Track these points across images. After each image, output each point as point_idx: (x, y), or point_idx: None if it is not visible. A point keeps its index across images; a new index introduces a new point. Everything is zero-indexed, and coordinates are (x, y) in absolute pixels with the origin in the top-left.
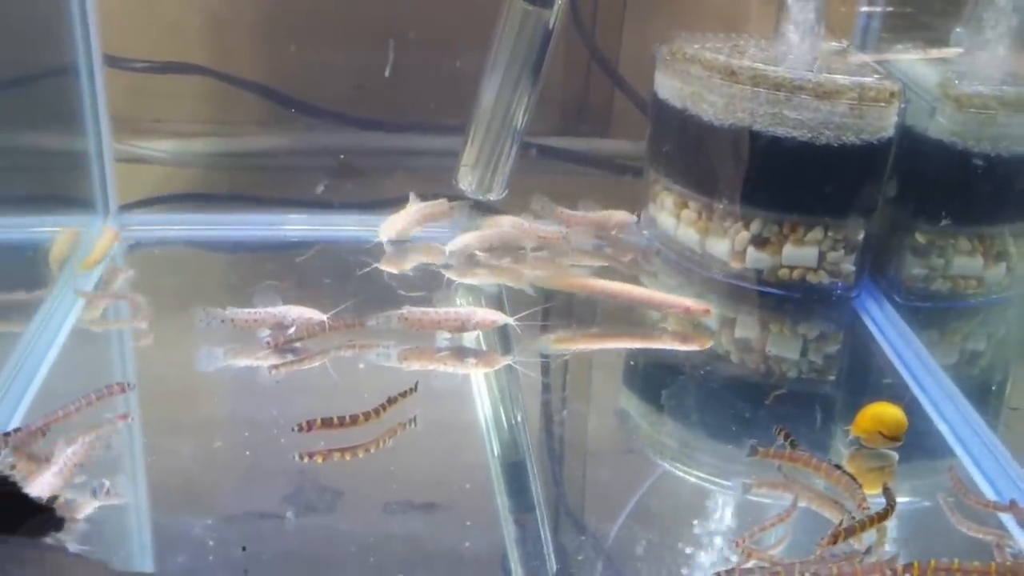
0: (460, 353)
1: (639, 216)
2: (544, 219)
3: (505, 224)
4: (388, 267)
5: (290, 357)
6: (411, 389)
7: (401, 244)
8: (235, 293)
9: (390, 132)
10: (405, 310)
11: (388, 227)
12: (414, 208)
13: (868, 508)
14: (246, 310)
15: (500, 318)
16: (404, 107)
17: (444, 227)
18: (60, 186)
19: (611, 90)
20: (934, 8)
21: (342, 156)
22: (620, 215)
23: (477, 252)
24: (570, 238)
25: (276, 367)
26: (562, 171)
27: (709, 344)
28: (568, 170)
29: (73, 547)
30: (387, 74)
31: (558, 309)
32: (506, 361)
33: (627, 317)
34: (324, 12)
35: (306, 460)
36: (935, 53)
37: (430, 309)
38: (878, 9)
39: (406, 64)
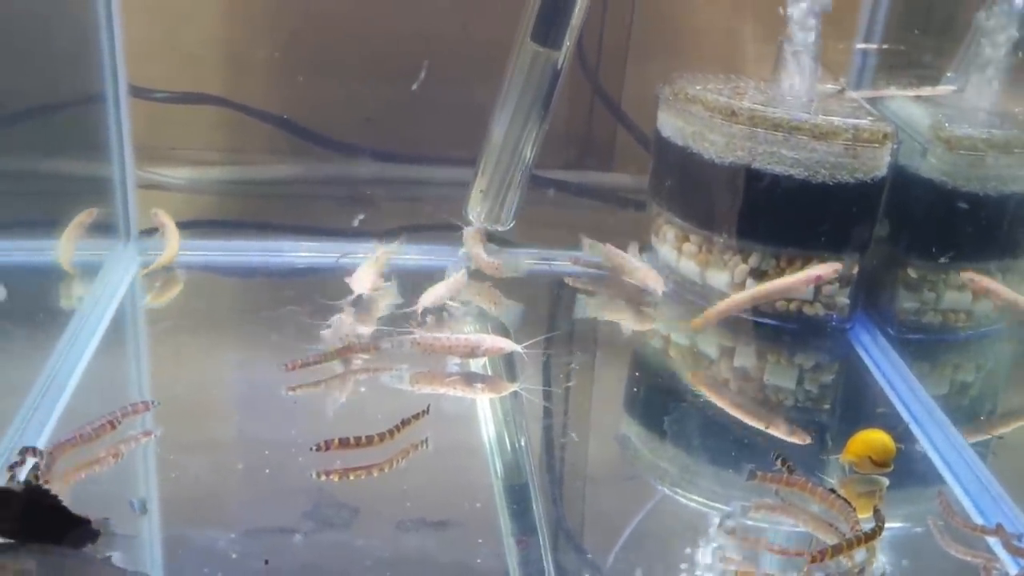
0: (469, 378)
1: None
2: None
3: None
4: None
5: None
6: (423, 412)
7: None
8: (253, 318)
9: (400, 163)
10: (418, 335)
11: (361, 280)
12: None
13: (860, 530)
14: (438, 335)
15: (508, 346)
16: (414, 139)
17: None
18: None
19: (614, 126)
20: (928, 46)
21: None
22: (644, 272)
23: (449, 302)
24: None
25: (294, 388)
26: (567, 203)
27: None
28: (573, 202)
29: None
30: (414, 88)
31: (561, 337)
32: (512, 388)
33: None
34: (337, 47)
35: (323, 478)
36: (928, 91)
37: (441, 335)
38: (874, 47)
39: (417, 96)
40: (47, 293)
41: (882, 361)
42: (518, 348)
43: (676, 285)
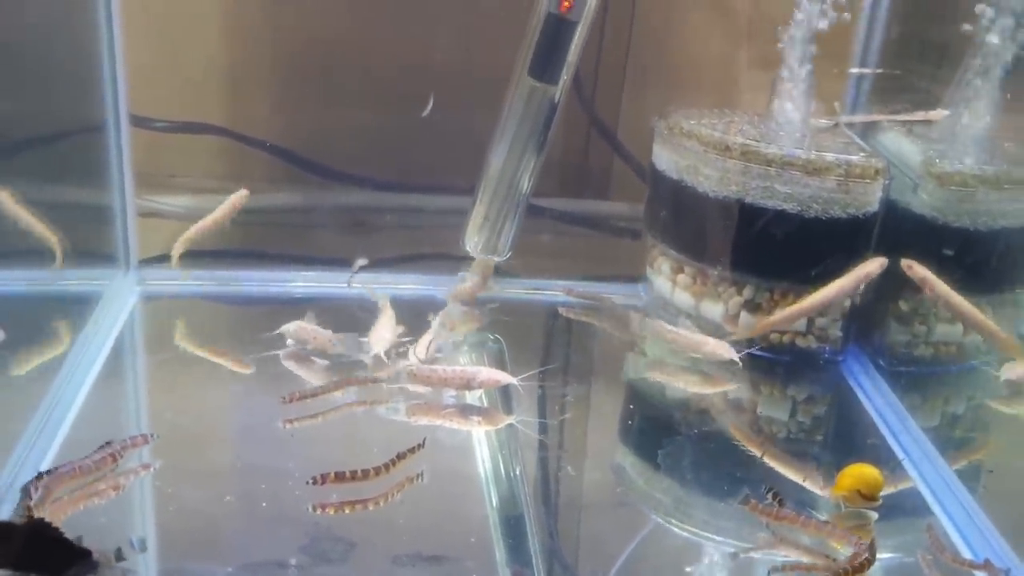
0: (465, 410)
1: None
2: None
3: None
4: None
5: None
6: (419, 445)
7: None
8: (252, 347)
9: (399, 192)
10: (414, 366)
11: (381, 339)
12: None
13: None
14: (435, 367)
15: (504, 378)
16: (414, 167)
17: None
18: (83, 240)
19: (610, 155)
20: (922, 71)
21: None
22: (713, 344)
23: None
24: None
25: (291, 421)
26: (564, 232)
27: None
28: (569, 231)
29: None
30: (424, 114)
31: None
32: (508, 420)
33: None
34: (337, 75)
35: (320, 512)
36: (921, 115)
37: (438, 367)
38: (868, 71)
39: (417, 125)
40: (47, 322)
41: (873, 393)
42: (514, 380)
43: (672, 317)
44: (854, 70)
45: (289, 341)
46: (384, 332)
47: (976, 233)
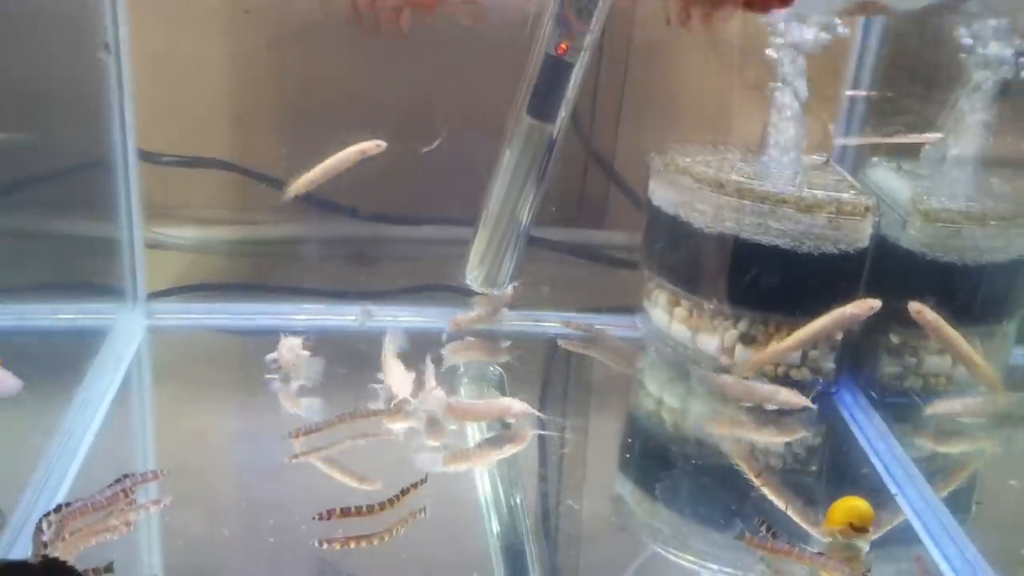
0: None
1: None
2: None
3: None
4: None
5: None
6: (421, 481)
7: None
8: (258, 380)
9: (401, 224)
10: (452, 400)
11: (401, 383)
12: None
13: None
14: (474, 401)
15: (531, 410)
16: (414, 200)
17: None
18: (92, 274)
19: (607, 185)
20: (915, 93)
21: None
22: (785, 393)
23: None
24: None
25: (297, 456)
26: (562, 262)
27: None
28: (567, 261)
29: None
30: (433, 145)
31: (555, 399)
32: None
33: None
34: (340, 110)
35: (326, 547)
36: (916, 137)
37: (476, 401)
38: (862, 94)
39: (418, 159)
40: (57, 356)
41: (865, 424)
42: (539, 413)
43: (669, 349)
44: (848, 92)
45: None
46: (401, 376)
47: (963, 268)
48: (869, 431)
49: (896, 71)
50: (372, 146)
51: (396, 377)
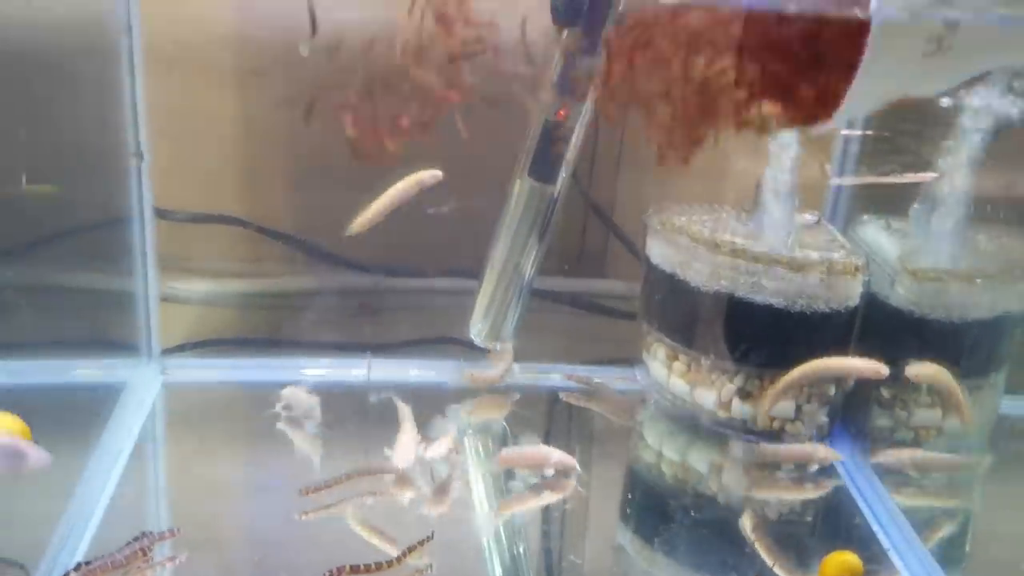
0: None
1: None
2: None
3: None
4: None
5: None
6: (428, 538)
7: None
8: (270, 434)
9: (406, 277)
10: (503, 450)
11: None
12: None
13: None
14: (522, 448)
15: (573, 460)
16: (419, 255)
17: None
18: (108, 330)
19: (606, 235)
20: (911, 132)
21: None
22: (823, 450)
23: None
24: None
25: (306, 513)
26: (562, 312)
27: None
28: (567, 311)
29: None
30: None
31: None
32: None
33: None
34: (345, 169)
35: None
36: (911, 177)
37: (525, 448)
38: (857, 133)
39: (423, 214)
40: (75, 412)
41: (857, 475)
42: (577, 467)
43: (668, 402)
44: (844, 131)
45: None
46: (408, 446)
47: (951, 324)
48: (861, 482)
49: (888, 110)
50: (429, 176)
51: (399, 446)
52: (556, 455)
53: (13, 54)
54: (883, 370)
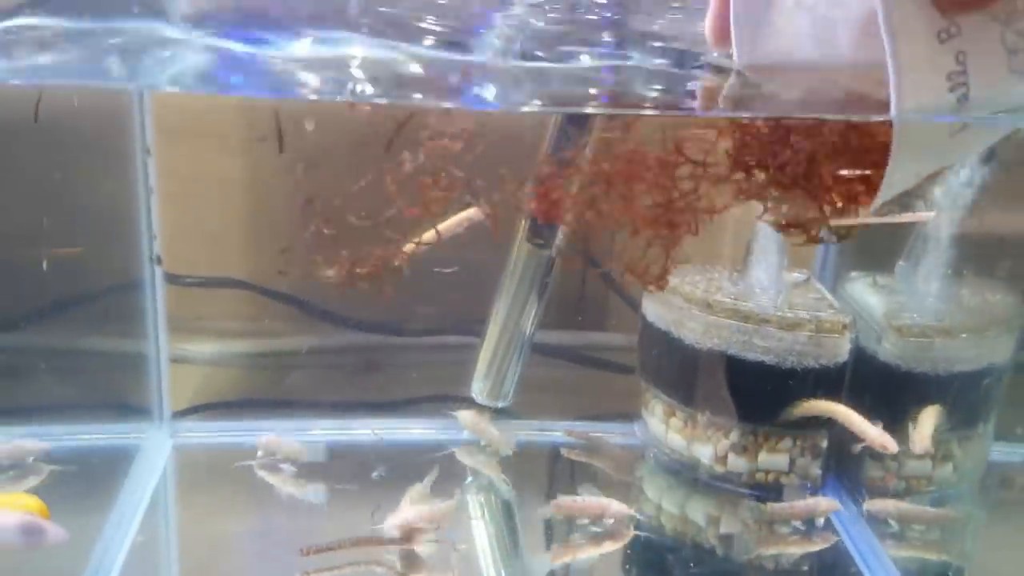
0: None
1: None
2: None
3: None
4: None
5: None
6: None
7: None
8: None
9: (410, 336)
10: (560, 499)
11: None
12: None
13: None
14: (575, 498)
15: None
16: (421, 314)
17: None
18: (120, 394)
19: (605, 289)
20: None
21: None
22: (824, 504)
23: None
24: None
25: (308, 574)
26: (561, 366)
27: None
28: (567, 366)
29: None
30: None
31: None
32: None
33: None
34: (346, 228)
35: None
36: (908, 217)
37: (578, 497)
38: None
39: (427, 273)
40: (89, 477)
41: (851, 525)
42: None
43: (667, 457)
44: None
45: (260, 452)
46: (406, 514)
47: (937, 377)
48: (855, 534)
49: None
50: (475, 212)
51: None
52: (615, 506)
53: (28, 120)
54: (891, 447)
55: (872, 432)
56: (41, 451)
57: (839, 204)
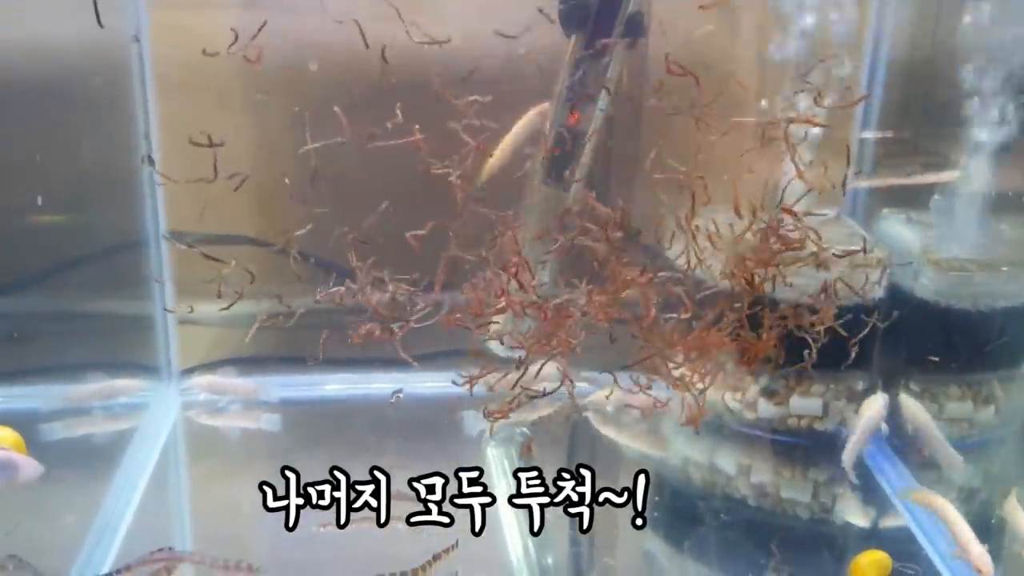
0: None
1: None
2: None
3: None
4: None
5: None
6: (453, 546)
7: None
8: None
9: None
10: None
11: None
12: None
13: None
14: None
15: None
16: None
17: None
18: (129, 352)
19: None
20: (930, 132)
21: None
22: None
23: None
24: None
25: (325, 525)
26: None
27: None
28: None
29: None
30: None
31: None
32: None
33: None
34: (356, 185)
35: None
36: (932, 177)
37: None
38: (876, 135)
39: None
40: (98, 434)
41: (890, 472)
42: None
43: None
44: (866, 134)
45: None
46: None
47: (978, 314)
48: (893, 479)
49: (905, 110)
50: (545, 106)
51: None
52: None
53: (27, 81)
54: (987, 570)
55: (976, 549)
56: None
57: None
